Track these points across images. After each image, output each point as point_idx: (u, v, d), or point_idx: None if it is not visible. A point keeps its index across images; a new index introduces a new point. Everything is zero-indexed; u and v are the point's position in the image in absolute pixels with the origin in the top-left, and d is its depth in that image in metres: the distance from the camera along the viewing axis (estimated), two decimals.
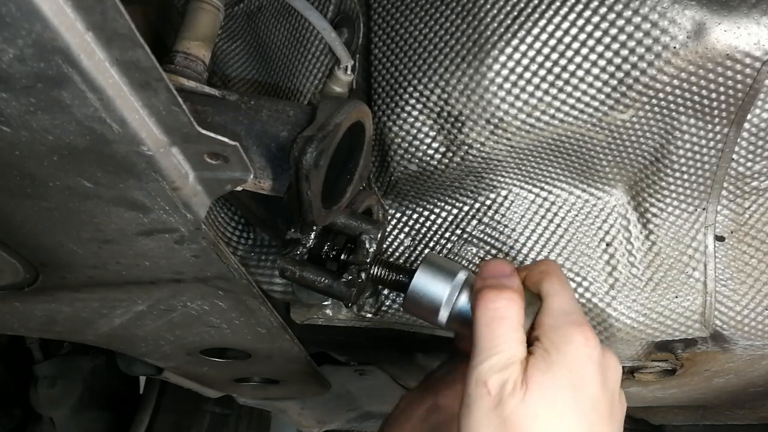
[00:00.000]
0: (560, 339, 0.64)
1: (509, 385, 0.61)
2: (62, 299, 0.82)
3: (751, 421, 1.53)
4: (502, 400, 0.61)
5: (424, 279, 0.69)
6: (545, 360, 0.63)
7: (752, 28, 0.70)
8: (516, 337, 0.65)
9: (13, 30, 0.38)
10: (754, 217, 0.85)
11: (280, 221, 0.86)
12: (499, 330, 0.65)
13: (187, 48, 0.72)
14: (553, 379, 0.62)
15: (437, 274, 0.70)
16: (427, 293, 0.69)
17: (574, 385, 0.62)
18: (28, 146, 0.49)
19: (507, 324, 0.65)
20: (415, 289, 0.70)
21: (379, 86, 0.86)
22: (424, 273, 0.70)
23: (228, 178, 0.57)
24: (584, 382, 0.62)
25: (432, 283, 0.69)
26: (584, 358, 0.63)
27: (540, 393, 0.61)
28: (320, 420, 1.89)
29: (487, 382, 0.62)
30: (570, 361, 0.62)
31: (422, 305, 0.70)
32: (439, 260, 0.72)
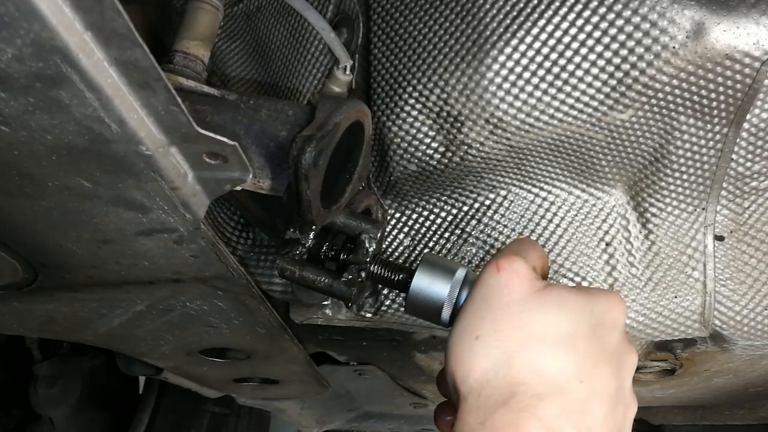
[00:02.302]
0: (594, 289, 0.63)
1: (523, 275, 0.59)
2: (61, 299, 0.82)
3: (750, 421, 1.53)
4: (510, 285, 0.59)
5: (424, 279, 0.69)
6: (576, 288, 0.61)
7: (751, 28, 0.70)
8: (538, 253, 0.64)
9: (11, 29, 0.38)
10: (754, 216, 0.85)
11: (279, 221, 0.86)
12: (522, 243, 0.65)
13: (186, 48, 0.72)
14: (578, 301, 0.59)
15: (437, 273, 0.69)
16: (428, 293, 0.69)
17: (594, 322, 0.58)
18: (26, 146, 0.49)
19: (531, 244, 0.65)
20: (416, 290, 0.70)
21: (379, 86, 0.85)
22: (424, 273, 0.70)
23: (227, 177, 0.57)
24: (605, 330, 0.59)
25: (432, 282, 0.69)
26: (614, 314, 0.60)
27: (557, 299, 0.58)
28: (320, 420, 1.89)
29: (499, 263, 0.60)
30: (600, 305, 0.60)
31: (424, 305, 0.70)
32: (437, 259, 0.72)
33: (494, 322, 0.57)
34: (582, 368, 0.56)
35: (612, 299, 0.61)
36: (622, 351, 0.61)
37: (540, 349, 0.56)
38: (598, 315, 0.59)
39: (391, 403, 1.70)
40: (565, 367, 0.55)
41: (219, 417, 1.97)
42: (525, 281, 0.59)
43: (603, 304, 0.60)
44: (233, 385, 1.36)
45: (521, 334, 0.56)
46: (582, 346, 0.57)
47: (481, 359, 0.56)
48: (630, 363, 0.63)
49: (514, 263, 0.60)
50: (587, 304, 0.59)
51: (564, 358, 0.56)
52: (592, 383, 0.56)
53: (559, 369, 0.55)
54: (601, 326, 0.59)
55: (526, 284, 0.59)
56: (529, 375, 0.55)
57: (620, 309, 0.61)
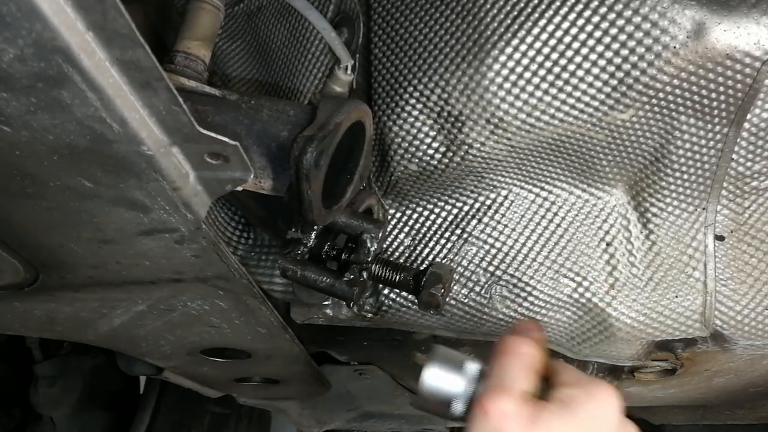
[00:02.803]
0: (580, 392, 0.62)
1: (511, 415, 0.60)
2: (62, 299, 0.82)
3: (750, 421, 1.53)
4: (502, 429, 0.59)
5: (434, 376, 0.69)
6: (560, 407, 0.61)
7: (752, 27, 0.70)
8: (525, 371, 0.64)
9: (13, 30, 0.38)
10: (754, 216, 0.85)
11: (280, 221, 0.86)
12: (510, 361, 0.64)
13: (187, 48, 0.72)
14: (563, 425, 0.59)
15: (447, 368, 0.69)
16: (438, 389, 0.68)
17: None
18: (28, 146, 0.49)
19: (519, 359, 0.64)
20: (426, 387, 0.69)
21: (379, 86, 0.85)
22: (434, 369, 0.69)
23: (228, 177, 0.57)
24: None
25: (443, 379, 0.68)
26: (603, 416, 0.61)
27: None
28: (320, 420, 1.89)
29: (485, 405, 0.60)
30: (588, 414, 0.60)
31: (434, 401, 0.69)
32: (447, 354, 0.71)
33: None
34: None
35: (598, 398, 0.61)
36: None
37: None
38: (588, 427, 0.60)
39: (392, 403, 1.70)
40: None
41: (220, 417, 1.97)
42: (513, 421, 0.59)
43: (591, 409, 0.61)
44: (234, 385, 1.36)
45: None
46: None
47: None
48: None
49: (500, 404, 0.60)
50: (575, 423, 0.60)
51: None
52: None
53: None
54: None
55: (515, 424, 0.59)
56: None
57: (609, 405, 0.61)
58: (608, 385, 0.63)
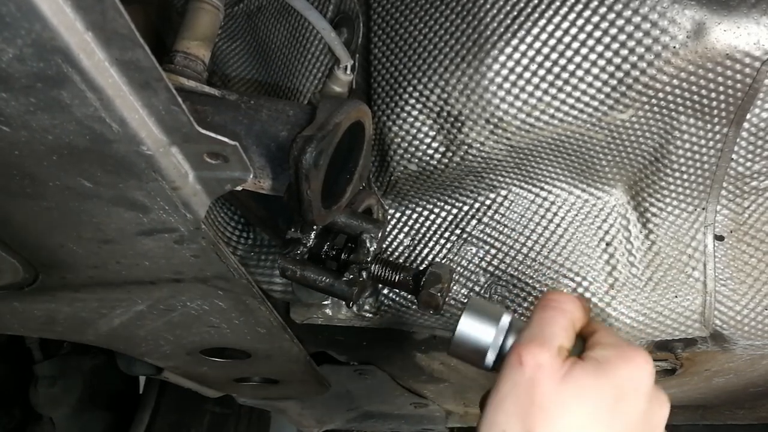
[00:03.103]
0: (616, 354, 0.62)
1: (546, 368, 0.59)
2: (62, 299, 0.82)
3: (750, 421, 1.53)
4: (535, 380, 0.59)
5: (469, 325, 0.69)
6: (594, 366, 0.61)
7: (752, 27, 0.70)
8: (564, 325, 0.64)
9: (12, 30, 0.38)
10: (754, 216, 0.85)
11: (280, 221, 0.86)
12: (548, 313, 0.64)
13: (186, 48, 0.72)
14: (596, 385, 0.59)
15: (482, 319, 0.69)
16: (473, 339, 0.69)
17: (615, 398, 0.60)
18: (27, 146, 0.49)
19: (557, 310, 0.64)
20: (461, 335, 0.70)
21: (379, 86, 0.86)
22: (469, 318, 0.70)
23: (228, 177, 0.57)
24: (627, 401, 0.60)
25: (477, 328, 0.69)
26: (636, 380, 0.61)
27: (577, 389, 0.59)
28: (320, 420, 1.89)
29: (522, 355, 0.60)
30: (620, 376, 0.60)
31: (468, 351, 0.70)
32: (482, 304, 0.71)
33: (520, 420, 0.59)
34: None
35: (633, 364, 0.61)
36: (649, 411, 0.62)
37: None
38: (619, 388, 0.60)
39: (392, 403, 1.70)
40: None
41: (219, 417, 1.97)
42: (547, 374, 0.60)
43: (624, 374, 0.61)
44: (233, 385, 1.36)
45: (545, 428, 0.58)
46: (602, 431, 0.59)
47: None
48: (659, 417, 0.64)
49: (537, 356, 0.60)
50: (607, 383, 0.60)
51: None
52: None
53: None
54: (623, 400, 0.60)
55: (548, 377, 0.60)
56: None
57: (643, 371, 0.61)
58: (644, 352, 0.62)
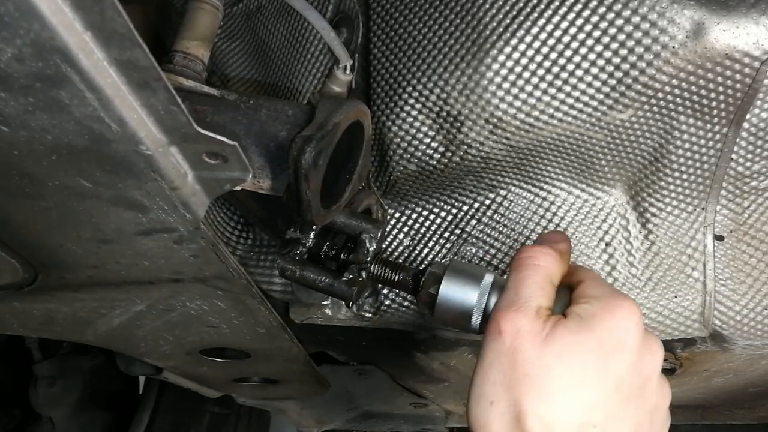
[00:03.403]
0: (599, 307, 0.60)
1: (525, 333, 0.58)
2: (61, 299, 0.82)
3: (750, 421, 1.53)
4: (516, 346, 0.58)
5: (451, 287, 0.68)
6: (576, 323, 0.59)
7: (751, 27, 0.70)
8: (540, 284, 0.62)
9: (11, 29, 0.38)
10: (753, 216, 0.85)
11: (279, 221, 0.86)
12: (523, 273, 0.63)
13: (186, 48, 0.72)
14: (579, 342, 0.58)
15: (464, 281, 0.68)
16: (456, 302, 0.68)
17: (601, 354, 0.58)
18: (26, 146, 0.49)
19: (533, 269, 0.63)
20: (444, 299, 0.69)
21: (378, 86, 0.86)
22: (451, 281, 0.69)
23: (227, 177, 0.57)
24: (614, 355, 0.58)
25: (460, 291, 0.68)
26: (622, 332, 0.59)
27: (560, 350, 0.57)
28: (320, 420, 1.89)
29: (500, 323, 0.59)
30: (605, 330, 0.58)
31: (452, 314, 0.69)
32: (463, 266, 0.70)
33: (506, 390, 0.58)
34: (592, 413, 0.57)
35: (619, 315, 0.59)
36: (640, 361, 0.60)
37: (549, 406, 0.57)
38: (606, 343, 0.58)
39: (391, 403, 1.70)
40: (574, 416, 0.57)
41: (219, 417, 1.97)
42: (527, 339, 0.59)
43: (609, 328, 0.59)
44: (233, 385, 1.36)
45: (532, 395, 0.57)
46: (591, 390, 0.57)
47: (495, 425, 0.58)
48: (651, 364, 0.62)
49: (515, 322, 0.59)
50: (591, 340, 0.58)
51: (574, 410, 0.57)
52: (605, 424, 0.57)
53: (568, 420, 0.56)
54: (611, 354, 0.58)
55: (529, 342, 0.59)
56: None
57: (629, 321, 0.59)
58: (631, 300, 0.60)
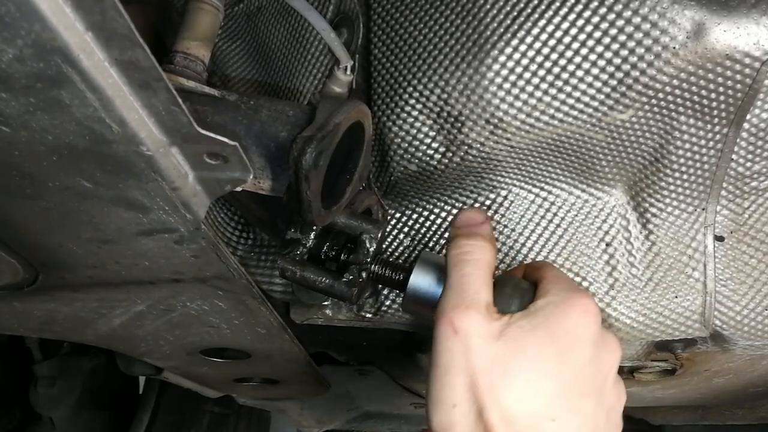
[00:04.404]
0: (557, 303, 0.60)
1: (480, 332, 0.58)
2: (61, 299, 0.82)
3: (750, 421, 1.53)
4: (471, 346, 0.58)
5: (421, 278, 0.70)
6: (530, 321, 0.59)
7: (752, 28, 0.70)
8: (483, 279, 0.62)
9: (12, 30, 0.38)
10: (754, 217, 0.85)
11: (279, 221, 0.86)
12: (466, 269, 0.63)
13: (186, 48, 0.72)
14: (535, 339, 0.58)
15: (434, 272, 0.70)
16: (425, 292, 0.69)
17: (558, 350, 0.58)
18: (27, 146, 0.49)
19: (473, 265, 0.63)
20: (413, 289, 0.70)
21: (379, 86, 0.86)
22: (421, 272, 0.70)
23: (227, 178, 0.57)
24: (571, 352, 0.58)
25: (429, 281, 0.69)
26: (578, 328, 0.59)
27: (515, 348, 0.57)
28: (320, 420, 1.89)
29: (453, 321, 0.59)
30: (561, 327, 0.58)
31: (421, 304, 0.70)
32: (434, 257, 0.72)
33: (467, 391, 0.58)
34: (551, 406, 0.57)
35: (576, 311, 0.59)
36: (598, 357, 0.60)
37: (510, 400, 0.56)
38: (562, 338, 0.58)
39: (392, 403, 1.70)
40: (534, 410, 0.56)
41: (219, 417, 1.97)
42: (483, 338, 0.58)
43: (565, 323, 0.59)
44: (233, 385, 1.36)
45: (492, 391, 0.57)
46: (549, 384, 0.57)
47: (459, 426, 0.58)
48: (609, 362, 0.62)
49: (468, 321, 0.59)
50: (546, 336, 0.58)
51: (532, 401, 0.56)
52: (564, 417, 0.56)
53: (528, 414, 0.56)
54: (568, 348, 0.58)
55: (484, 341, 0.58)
56: (504, 428, 0.56)
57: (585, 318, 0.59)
58: (589, 297, 0.60)
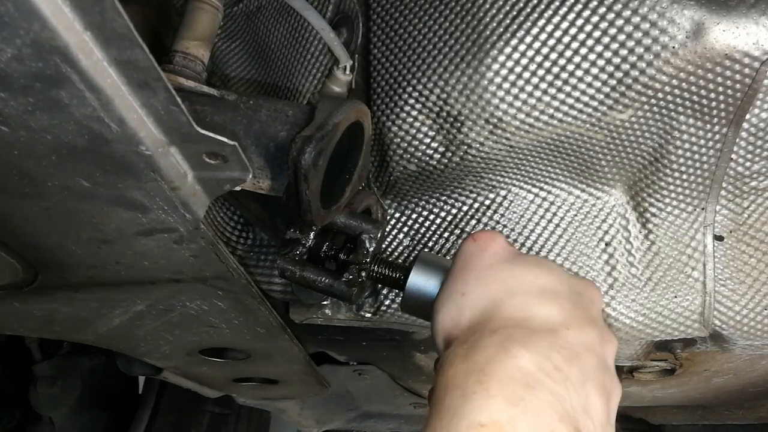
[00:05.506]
0: None
1: (498, 244, 0.62)
2: (61, 299, 0.82)
3: (750, 421, 1.53)
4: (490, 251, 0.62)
5: (419, 277, 0.70)
6: (542, 260, 0.65)
7: (751, 28, 0.70)
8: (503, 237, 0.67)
9: (11, 29, 0.38)
10: (753, 216, 0.85)
11: (279, 221, 0.86)
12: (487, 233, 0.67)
13: (186, 48, 0.72)
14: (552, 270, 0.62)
15: (432, 272, 0.70)
16: (423, 291, 0.69)
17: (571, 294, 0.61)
18: (26, 146, 0.49)
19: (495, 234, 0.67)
20: (412, 289, 0.70)
21: (378, 86, 0.85)
22: (419, 271, 0.70)
23: (227, 177, 0.57)
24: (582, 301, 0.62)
25: (428, 280, 0.69)
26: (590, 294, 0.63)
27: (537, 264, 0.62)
28: (319, 420, 1.89)
29: (474, 234, 0.64)
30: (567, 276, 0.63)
31: (420, 303, 0.70)
32: (432, 257, 0.72)
33: (478, 280, 0.59)
34: (568, 320, 0.57)
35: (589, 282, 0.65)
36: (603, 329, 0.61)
37: (525, 298, 0.57)
38: (576, 286, 0.62)
39: (391, 403, 1.70)
40: (552, 314, 0.56)
41: (219, 417, 1.97)
42: (502, 247, 0.62)
43: (580, 281, 0.64)
44: (233, 385, 1.36)
45: (506, 286, 0.58)
46: (566, 304, 0.58)
47: (469, 311, 0.58)
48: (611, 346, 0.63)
49: (490, 233, 0.64)
50: (565, 274, 0.62)
51: (550, 308, 0.57)
52: (579, 335, 0.56)
53: (546, 315, 0.56)
54: (581, 295, 0.61)
55: (504, 249, 0.62)
56: (519, 315, 0.56)
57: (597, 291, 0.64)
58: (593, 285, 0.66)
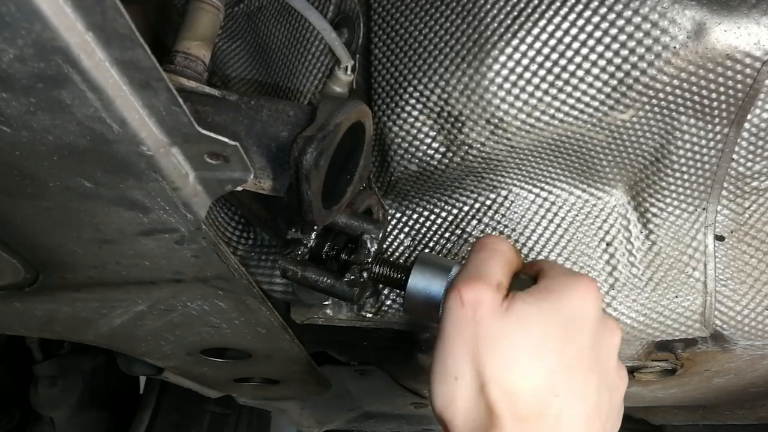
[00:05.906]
0: (560, 282, 0.61)
1: (487, 304, 0.59)
2: (62, 299, 0.82)
3: (751, 421, 1.53)
4: (477, 317, 0.59)
5: (420, 278, 0.70)
6: (536, 297, 0.60)
7: (752, 28, 0.70)
8: (501, 263, 0.64)
9: (12, 30, 0.38)
10: (754, 216, 0.85)
11: (280, 221, 0.86)
12: (484, 254, 0.65)
13: (187, 48, 0.72)
14: (540, 314, 0.59)
15: (433, 272, 0.70)
16: (424, 292, 0.69)
17: (562, 326, 0.59)
18: (28, 146, 0.49)
19: (494, 253, 0.65)
20: (413, 290, 0.70)
21: (379, 86, 0.86)
22: (420, 272, 0.70)
23: (228, 178, 0.57)
24: (574, 327, 0.59)
25: (428, 281, 0.69)
26: (582, 307, 0.60)
27: (520, 322, 0.59)
28: (320, 420, 1.89)
29: (463, 293, 0.60)
30: (565, 304, 0.60)
31: (421, 304, 0.70)
32: (432, 258, 0.72)
33: (470, 361, 0.59)
34: (555, 383, 0.58)
35: (578, 291, 0.61)
36: (599, 338, 0.61)
37: (512, 375, 0.58)
38: (565, 316, 0.60)
39: (392, 403, 1.70)
40: (538, 385, 0.58)
41: (220, 417, 1.97)
42: (489, 310, 0.60)
43: (568, 301, 0.60)
44: (234, 385, 1.36)
45: (495, 364, 0.58)
46: (555, 360, 0.58)
47: (461, 400, 0.60)
48: (610, 344, 0.63)
49: (477, 293, 0.60)
50: (551, 312, 0.60)
51: (537, 378, 0.58)
52: (567, 394, 0.58)
53: (532, 389, 0.58)
54: (571, 326, 0.60)
55: (490, 313, 0.60)
56: (505, 403, 0.57)
57: (590, 297, 0.61)
58: (590, 279, 0.62)
